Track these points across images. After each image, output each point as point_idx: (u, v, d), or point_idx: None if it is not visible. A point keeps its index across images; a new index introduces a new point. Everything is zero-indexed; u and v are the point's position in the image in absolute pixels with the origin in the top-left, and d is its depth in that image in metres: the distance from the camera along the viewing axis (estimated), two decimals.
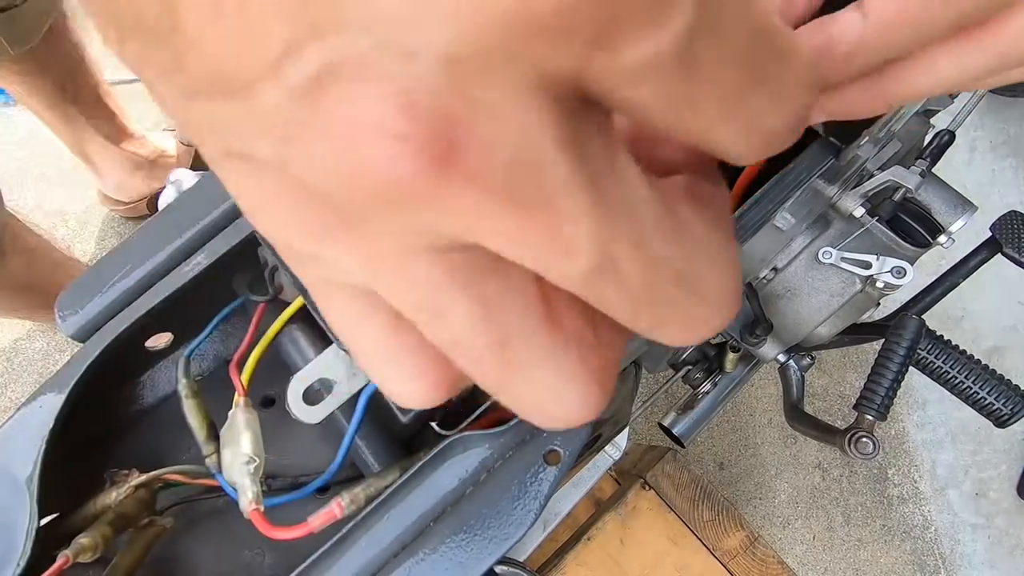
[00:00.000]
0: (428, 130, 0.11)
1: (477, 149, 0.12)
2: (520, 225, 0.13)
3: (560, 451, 0.32)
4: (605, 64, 0.12)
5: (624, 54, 0.12)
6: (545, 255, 0.13)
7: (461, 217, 0.12)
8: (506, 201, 0.12)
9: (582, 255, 0.13)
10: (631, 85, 0.12)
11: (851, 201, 0.47)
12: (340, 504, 0.32)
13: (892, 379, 0.55)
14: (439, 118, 0.11)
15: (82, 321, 0.38)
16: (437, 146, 0.11)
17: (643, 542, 0.98)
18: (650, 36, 0.12)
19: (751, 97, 0.14)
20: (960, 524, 1.42)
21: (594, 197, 0.13)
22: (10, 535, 0.34)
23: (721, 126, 0.14)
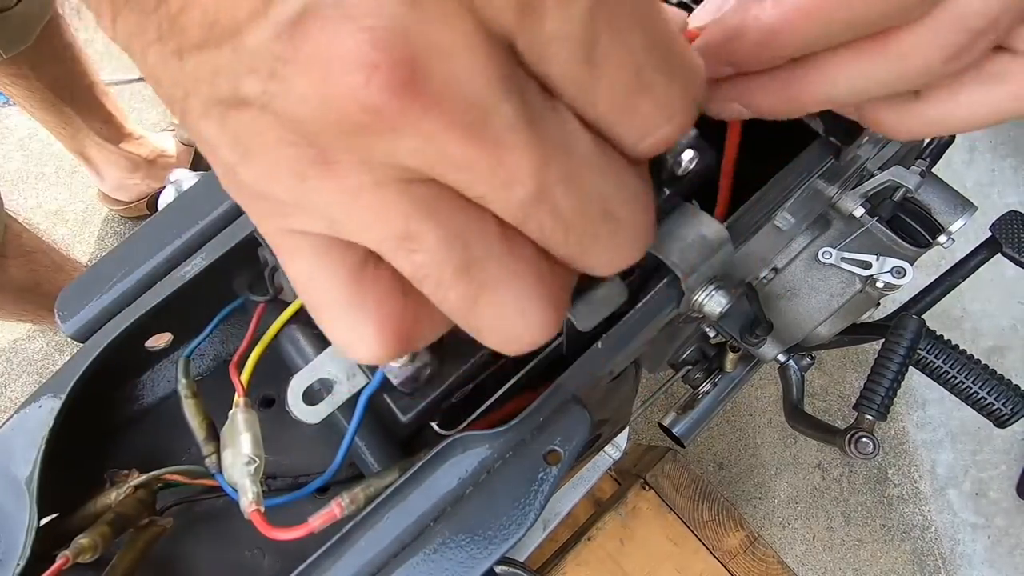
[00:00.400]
0: (395, 61, 0.13)
1: (436, 81, 0.14)
2: (470, 154, 0.15)
3: (560, 451, 0.32)
4: (530, 29, 0.14)
5: (543, 24, 0.14)
6: (491, 184, 0.15)
7: (424, 144, 0.14)
8: (460, 131, 0.14)
9: (522, 184, 0.15)
10: (546, 57, 0.15)
11: (851, 201, 0.47)
12: (340, 504, 0.32)
13: (892, 379, 0.55)
14: (405, 52, 0.13)
15: (82, 321, 0.38)
16: (402, 74, 0.13)
17: (643, 542, 0.98)
18: (557, 13, 0.14)
19: (636, 103, 0.16)
20: (960, 524, 1.42)
21: (534, 133, 0.15)
22: (9, 535, 0.34)
23: (612, 119, 0.16)
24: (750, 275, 0.50)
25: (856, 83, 0.24)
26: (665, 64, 0.16)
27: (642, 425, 1.40)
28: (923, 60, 0.22)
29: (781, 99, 0.26)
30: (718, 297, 0.34)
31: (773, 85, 0.26)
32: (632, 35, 0.15)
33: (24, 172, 1.49)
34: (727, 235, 0.32)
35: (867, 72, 0.23)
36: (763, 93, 0.26)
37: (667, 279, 0.33)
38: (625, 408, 0.61)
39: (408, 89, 0.14)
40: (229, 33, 0.14)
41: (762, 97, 0.26)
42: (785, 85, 0.25)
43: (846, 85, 0.24)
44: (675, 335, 0.59)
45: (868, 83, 0.24)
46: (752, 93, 0.27)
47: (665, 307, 0.34)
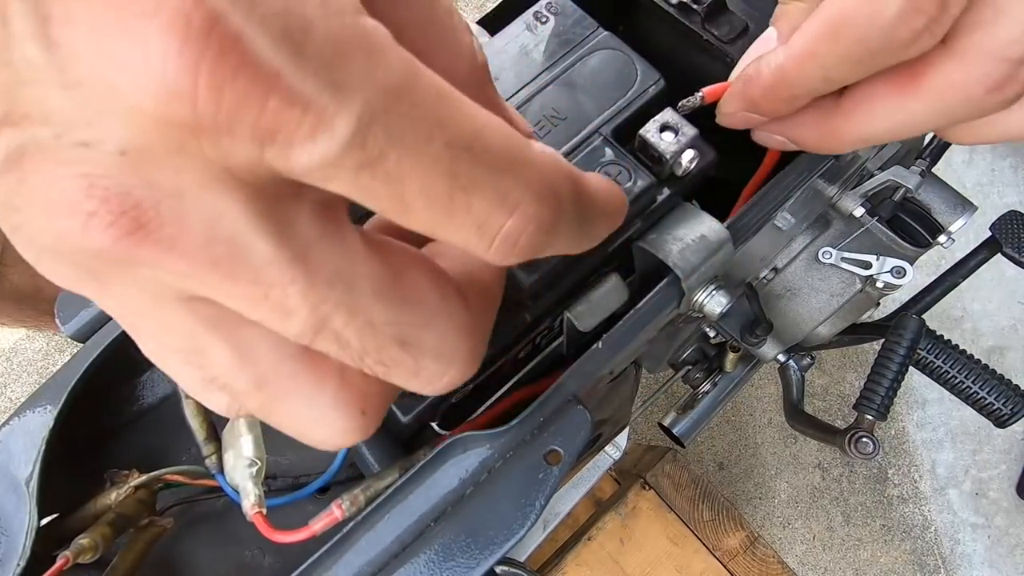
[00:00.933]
0: (112, 207, 0.13)
1: (170, 225, 0.13)
2: (231, 289, 0.14)
3: (561, 451, 0.32)
4: (280, 162, 0.13)
5: (294, 155, 0.13)
6: (264, 316, 0.15)
7: (177, 278, 0.14)
8: (211, 268, 0.14)
9: (296, 318, 0.15)
10: (320, 180, 0.14)
11: (851, 201, 0.47)
12: (340, 506, 0.32)
13: (892, 379, 0.55)
14: (121, 197, 0.13)
15: (82, 321, 0.38)
16: (124, 221, 0.13)
17: (643, 542, 0.98)
18: (312, 143, 0.13)
19: (465, 202, 0.15)
20: (960, 524, 1.42)
21: (300, 268, 0.14)
22: (10, 535, 0.34)
23: (448, 227, 0.15)
24: (750, 275, 0.50)
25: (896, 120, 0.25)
26: (486, 157, 0.15)
27: (642, 425, 1.40)
28: (963, 94, 0.22)
29: (824, 135, 0.27)
30: (718, 297, 0.34)
31: (811, 122, 0.27)
32: (431, 138, 0.14)
33: None
34: (727, 235, 0.32)
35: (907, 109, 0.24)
36: (803, 130, 0.28)
37: (667, 279, 0.33)
38: (625, 408, 0.61)
39: (135, 233, 0.13)
40: None
41: (803, 134, 0.28)
42: (827, 121, 0.27)
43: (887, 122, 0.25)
44: (675, 335, 0.59)
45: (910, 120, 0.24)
46: (792, 130, 0.28)
47: (665, 307, 0.34)
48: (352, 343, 0.15)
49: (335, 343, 0.15)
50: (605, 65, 0.34)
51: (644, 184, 0.31)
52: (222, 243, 0.14)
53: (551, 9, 0.35)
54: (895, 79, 0.24)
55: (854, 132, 0.26)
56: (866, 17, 0.21)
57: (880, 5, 0.21)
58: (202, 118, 0.12)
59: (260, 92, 0.12)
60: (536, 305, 0.33)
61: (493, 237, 0.15)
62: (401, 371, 0.17)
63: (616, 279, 0.35)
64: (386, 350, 0.16)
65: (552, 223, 0.16)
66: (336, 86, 0.13)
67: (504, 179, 0.15)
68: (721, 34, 0.36)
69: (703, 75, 0.38)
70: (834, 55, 0.23)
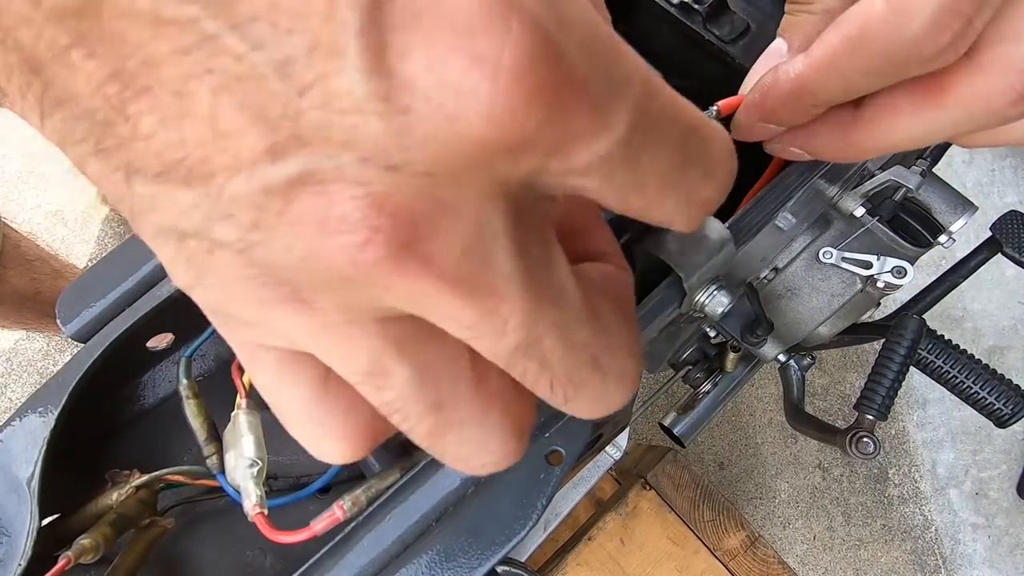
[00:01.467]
0: (396, 224, 0.13)
1: (437, 242, 0.13)
2: (463, 306, 0.14)
3: (562, 452, 0.32)
4: (558, 167, 0.13)
5: (574, 158, 0.13)
6: (480, 332, 0.15)
7: (413, 297, 0.14)
8: (455, 286, 0.14)
9: (512, 335, 0.15)
10: (580, 179, 0.14)
11: (852, 201, 0.47)
12: (342, 507, 0.32)
13: (893, 379, 0.55)
14: (407, 214, 0.13)
15: (83, 321, 0.38)
16: (402, 237, 0.13)
17: (643, 542, 0.98)
18: (595, 142, 0.13)
19: (686, 175, 0.16)
20: (960, 524, 1.42)
21: (529, 285, 0.14)
22: (11, 536, 0.34)
23: (663, 201, 0.16)
24: (751, 275, 0.50)
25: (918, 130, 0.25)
26: (701, 137, 0.16)
27: (643, 425, 1.40)
28: (986, 105, 0.23)
29: (843, 145, 0.27)
30: (720, 297, 0.34)
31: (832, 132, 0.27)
32: (675, 119, 0.15)
33: (24, 173, 1.49)
34: (729, 235, 0.32)
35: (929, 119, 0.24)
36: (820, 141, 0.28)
37: (669, 279, 0.33)
38: (625, 408, 0.61)
39: (407, 250, 0.13)
40: (202, 176, 0.13)
41: (823, 145, 0.28)
42: (846, 132, 0.27)
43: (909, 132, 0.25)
44: (676, 335, 0.59)
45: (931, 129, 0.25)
46: (808, 141, 0.28)
47: (667, 307, 0.34)
48: (554, 363, 0.16)
49: (538, 363, 0.15)
50: None
51: None
52: (475, 260, 0.14)
53: None
54: (917, 89, 0.24)
55: (873, 142, 0.26)
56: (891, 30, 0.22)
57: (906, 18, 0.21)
58: (518, 138, 0.12)
59: (574, 104, 0.12)
60: None
61: (696, 204, 0.17)
62: (588, 393, 0.17)
63: None
64: (581, 371, 0.16)
65: (729, 185, 0.17)
66: (618, 85, 0.13)
67: (710, 151, 0.16)
68: (722, 34, 0.36)
69: (704, 75, 0.38)
70: (856, 66, 0.23)
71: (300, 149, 0.12)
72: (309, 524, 0.32)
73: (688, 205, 0.16)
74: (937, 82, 0.23)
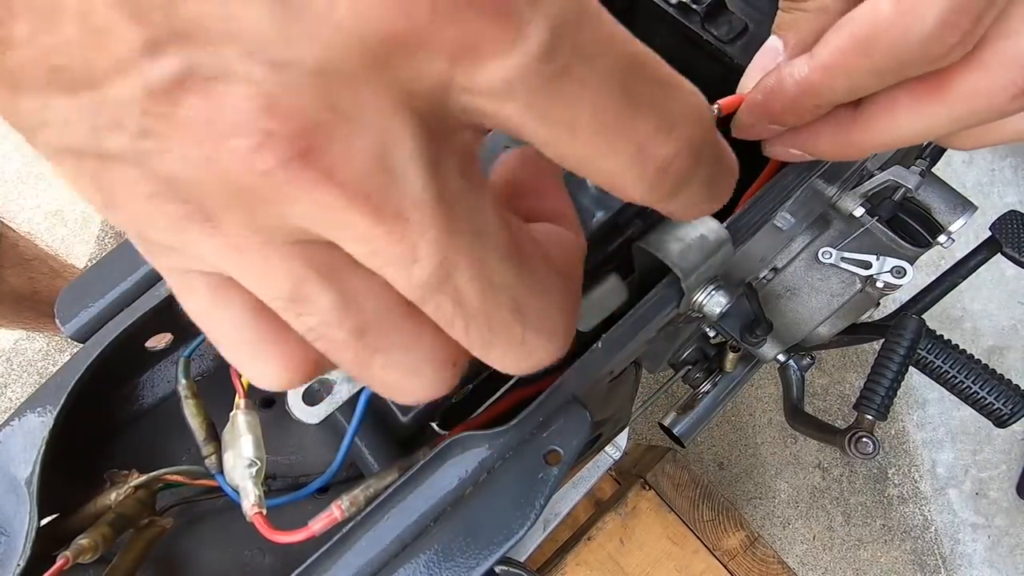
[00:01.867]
0: (291, 129, 0.12)
1: (336, 151, 0.13)
2: (369, 226, 0.13)
3: (560, 451, 0.32)
4: (465, 81, 0.13)
5: (482, 72, 0.13)
6: (388, 259, 0.14)
7: (317, 212, 0.13)
8: (359, 201, 0.13)
9: (423, 265, 0.14)
10: (496, 101, 0.13)
11: (851, 201, 0.47)
12: (340, 507, 0.32)
13: (892, 379, 0.55)
14: (302, 120, 0.12)
15: (82, 321, 0.38)
16: (298, 143, 0.12)
17: (643, 542, 0.98)
18: (505, 56, 0.13)
19: (633, 123, 0.15)
20: (960, 524, 1.42)
21: (443, 214, 0.14)
22: (10, 536, 0.34)
23: (606, 152, 0.15)
24: (750, 275, 0.50)
25: (919, 126, 0.25)
26: (654, 75, 0.15)
27: (642, 425, 1.40)
28: (987, 101, 0.23)
29: (843, 144, 0.27)
30: (718, 297, 0.34)
31: (832, 132, 0.27)
32: (609, 53, 0.14)
33: (24, 173, 1.49)
34: (727, 235, 0.32)
35: (930, 115, 0.24)
36: (821, 140, 0.28)
37: (667, 279, 0.33)
38: (625, 408, 0.61)
39: (305, 157, 0.12)
40: (85, 82, 0.12)
41: (823, 144, 0.28)
42: (846, 131, 0.27)
43: (910, 129, 0.25)
44: (675, 335, 0.59)
45: (932, 126, 0.25)
46: (809, 141, 0.28)
47: (665, 307, 0.34)
48: (470, 302, 0.15)
49: (451, 300, 0.15)
50: None
51: None
52: (380, 175, 0.13)
53: None
54: (917, 86, 0.24)
55: (874, 139, 0.26)
56: (899, 31, 0.21)
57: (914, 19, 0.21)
58: (412, 30, 0.12)
59: (476, 1, 0.12)
60: None
61: (650, 161, 0.15)
62: (505, 339, 0.16)
63: (616, 279, 0.35)
64: (498, 314, 0.16)
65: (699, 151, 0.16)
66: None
67: (667, 99, 0.15)
68: (720, 34, 0.36)
69: (702, 75, 0.38)
70: (864, 67, 0.23)
71: (181, 44, 0.12)
72: (307, 524, 0.32)
73: (640, 163, 0.15)
74: (938, 78, 0.23)
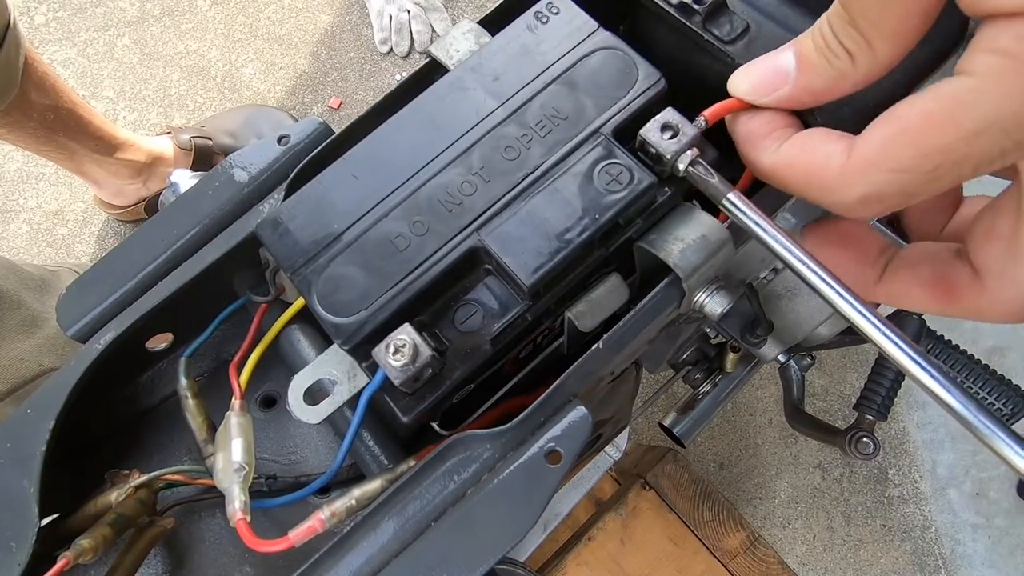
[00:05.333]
0: None
1: None
2: None
3: (561, 451, 0.32)
4: None
5: None
6: None
7: None
8: None
9: None
10: None
11: None
12: (321, 519, 0.33)
13: (892, 379, 0.55)
14: None
15: (83, 321, 0.38)
16: None
17: (643, 542, 0.98)
18: None
19: None
20: (960, 524, 1.42)
21: None
22: (11, 536, 0.34)
23: None
24: (750, 275, 0.50)
25: (924, 309, 0.30)
26: None
27: (642, 425, 1.40)
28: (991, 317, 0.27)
29: (860, 288, 0.31)
30: (719, 297, 0.34)
31: (857, 280, 0.32)
32: None
33: (24, 172, 1.49)
34: (728, 235, 0.32)
35: (935, 309, 0.29)
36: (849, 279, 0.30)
37: (668, 279, 0.33)
38: (626, 408, 0.61)
39: None
40: None
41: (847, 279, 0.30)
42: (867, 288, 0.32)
43: (916, 308, 0.30)
44: (676, 335, 0.59)
45: (934, 313, 0.30)
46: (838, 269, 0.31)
47: (666, 307, 0.34)
48: None
49: None
50: (606, 65, 0.34)
51: (645, 184, 0.31)
52: None
53: (551, 9, 0.35)
54: (931, 289, 0.28)
55: (883, 300, 0.31)
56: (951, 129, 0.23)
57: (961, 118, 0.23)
58: None
59: None
60: (536, 305, 0.33)
61: None
62: None
63: (616, 279, 0.35)
64: None
65: None
66: None
67: None
68: (722, 34, 0.36)
69: (704, 75, 0.38)
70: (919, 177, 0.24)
71: None
72: (287, 535, 0.32)
73: None
74: (949, 288, 0.27)
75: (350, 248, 0.32)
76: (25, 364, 0.90)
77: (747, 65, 0.30)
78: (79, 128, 1.15)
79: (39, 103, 1.05)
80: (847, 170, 0.25)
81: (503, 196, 0.32)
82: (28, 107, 1.04)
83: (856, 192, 0.25)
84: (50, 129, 1.10)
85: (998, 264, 0.25)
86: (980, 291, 0.26)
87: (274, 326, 0.39)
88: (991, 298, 0.26)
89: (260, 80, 1.55)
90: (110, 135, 1.23)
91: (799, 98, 0.28)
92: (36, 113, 1.06)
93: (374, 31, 1.55)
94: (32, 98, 1.03)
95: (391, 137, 0.34)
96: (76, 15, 1.58)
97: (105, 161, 1.24)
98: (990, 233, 0.26)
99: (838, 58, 0.26)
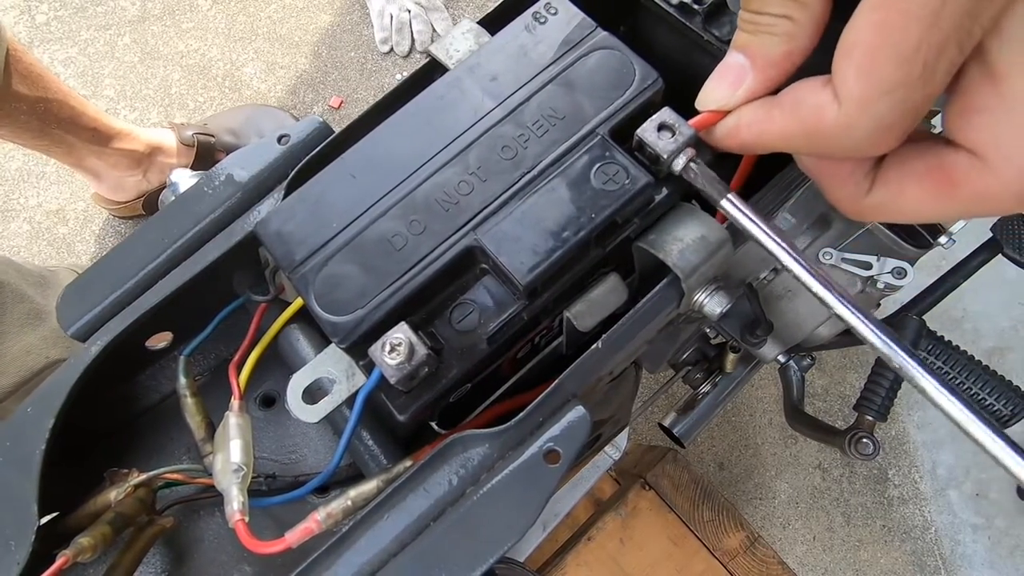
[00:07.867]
0: None
1: None
2: None
3: (560, 451, 0.32)
4: None
5: None
6: None
7: None
8: None
9: None
10: None
11: None
12: (317, 520, 0.33)
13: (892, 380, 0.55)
14: None
15: (82, 321, 0.38)
16: None
17: (643, 542, 0.98)
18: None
19: None
20: (960, 525, 1.42)
21: None
22: (10, 534, 0.34)
23: None
24: (750, 275, 0.50)
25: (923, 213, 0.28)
26: None
27: (642, 425, 1.40)
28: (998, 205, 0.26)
29: (852, 208, 0.30)
30: (718, 297, 0.34)
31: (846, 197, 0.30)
32: None
33: (24, 172, 1.49)
34: (727, 235, 0.32)
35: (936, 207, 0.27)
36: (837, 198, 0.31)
37: (667, 279, 0.33)
38: (625, 408, 0.61)
39: None
40: None
41: (836, 201, 0.31)
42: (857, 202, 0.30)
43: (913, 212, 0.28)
44: (675, 335, 0.59)
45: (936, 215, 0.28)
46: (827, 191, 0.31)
47: (665, 307, 0.34)
48: None
49: None
50: (604, 65, 0.34)
51: (641, 183, 0.31)
52: None
53: (550, 9, 0.35)
54: (927, 181, 0.26)
55: (876, 214, 0.29)
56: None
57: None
58: None
59: None
60: (533, 304, 0.33)
61: None
62: None
63: (615, 279, 0.35)
64: None
65: None
66: None
67: None
68: (721, 34, 0.36)
69: (703, 75, 0.38)
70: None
71: None
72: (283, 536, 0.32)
73: None
74: (948, 177, 0.25)
75: (348, 247, 0.32)
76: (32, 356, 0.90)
77: (704, 84, 0.30)
78: (72, 119, 1.15)
79: (27, 95, 1.05)
80: (844, 115, 0.24)
81: (500, 195, 0.32)
82: (16, 99, 1.04)
83: (862, 131, 0.24)
84: (42, 121, 1.10)
85: (993, 136, 0.24)
86: (982, 170, 0.24)
87: (273, 325, 0.39)
88: (998, 175, 0.24)
89: (261, 79, 1.55)
90: (106, 125, 1.22)
91: (767, 78, 0.28)
92: (26, 105, 1.06)
93: (375, 30, 1.55)
94: (20, 90, 1.03)
95: (389, 137, 0.34)
96: (77, 14, 1.58)
97: (103, 152, 1.24)
98: (968, 109, 0.24)
99: (777, 25, 0.26)
